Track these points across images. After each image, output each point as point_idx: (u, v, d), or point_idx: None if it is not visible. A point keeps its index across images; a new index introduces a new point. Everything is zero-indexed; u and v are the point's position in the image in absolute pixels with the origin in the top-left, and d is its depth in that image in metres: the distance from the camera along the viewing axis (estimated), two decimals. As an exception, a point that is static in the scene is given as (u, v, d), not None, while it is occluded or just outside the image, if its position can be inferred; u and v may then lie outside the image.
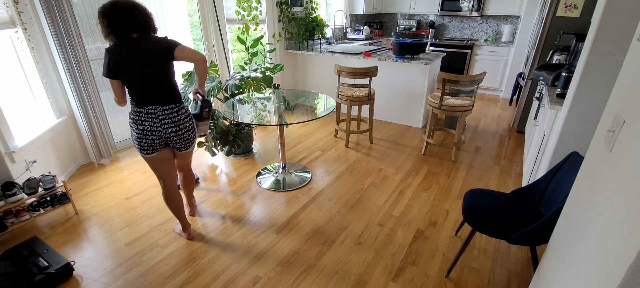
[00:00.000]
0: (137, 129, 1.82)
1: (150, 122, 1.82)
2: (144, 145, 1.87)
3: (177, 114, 1.88)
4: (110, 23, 1.69)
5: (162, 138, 1.88)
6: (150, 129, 1.83)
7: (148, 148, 1.88)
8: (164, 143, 1.92)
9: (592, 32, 1.77)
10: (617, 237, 0.79)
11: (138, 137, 1.84)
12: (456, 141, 3.33)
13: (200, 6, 3.81)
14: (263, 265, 2.01)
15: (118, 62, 1.72)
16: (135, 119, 1.81)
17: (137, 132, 1.83)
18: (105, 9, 1.69)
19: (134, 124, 1.82)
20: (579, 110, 1.87)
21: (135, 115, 1.81)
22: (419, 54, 4.13)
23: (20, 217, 2.27)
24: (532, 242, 1.59)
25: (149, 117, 1.82)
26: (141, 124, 1.81)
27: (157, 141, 1.88)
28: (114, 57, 1.71)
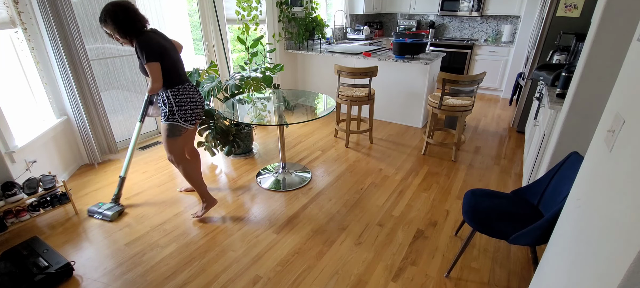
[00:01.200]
0: (191, 100, 2.14)
1: (197, 94, 2.19)
2: (195, 115, 2.18)
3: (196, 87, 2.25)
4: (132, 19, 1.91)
5: (202, 107, 2.24)
6: (199, 98, 2.20)
7: (198, 117, 2.21)
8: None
9: (592, 32, 1.77)
10: (617, 237, 0.79)
11: (192, 107, 2.15)
12: (456, 141, 3.33)
13: (200, 6, 3.81)
14: (263, 265, 2.01)
15: (161, 46, 1.97)
16: (186, 93, 2.12)
17: (192, 104, 2.14)
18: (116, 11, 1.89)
19: (187, 97, 2.11)
20: (579, 111, 1.87)
21: (185, 89, 2.11)
22: (419, 54, 4.13)
23: (20, 217, 2.27)
24: (532, 242, 1.59)
25: (194, 90, 2.18)
26: (193, 95, 2.15)
27: (201, 111, 2.23)
28: (157, 43, 1.96)
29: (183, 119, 2.13)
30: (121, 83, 3.48)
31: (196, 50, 4.20)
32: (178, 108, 2.10)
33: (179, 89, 2.10)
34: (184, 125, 2.15)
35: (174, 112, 2.10)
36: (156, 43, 1.96)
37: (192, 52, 4.19)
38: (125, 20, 1.91)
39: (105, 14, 1.90)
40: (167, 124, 2.13)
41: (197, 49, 4.19)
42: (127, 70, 3.49)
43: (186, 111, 2.13)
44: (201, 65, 3.99)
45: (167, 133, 2.16)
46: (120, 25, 1.91)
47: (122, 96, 3.52)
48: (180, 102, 2.10)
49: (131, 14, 1.92)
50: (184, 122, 2.14)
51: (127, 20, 1.91)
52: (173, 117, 2.11)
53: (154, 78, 1.97)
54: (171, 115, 2.11)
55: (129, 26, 1.93)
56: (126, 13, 1.91)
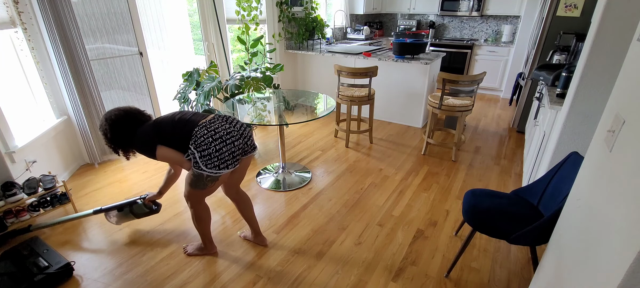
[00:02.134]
0: (214, 137, 1.72)
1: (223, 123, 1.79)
2: (224, 156, 1.73)
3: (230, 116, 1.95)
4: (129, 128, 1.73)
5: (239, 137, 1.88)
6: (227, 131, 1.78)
7: (230, 158, 1.75)
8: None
9: (592, 32, 1.77)
10: (617, 237, 0.79)
11: (219, 146, 1.73)
12: (456, 141, 3.33)
13: (200, 6, 3.81)
14: (263, 265, 2.01)
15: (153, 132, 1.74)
16: (205, 132, 1.71)
17: (217, 142, 1.72)
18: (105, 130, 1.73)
19: (209, 136, 1.71)
20: (579, 110, 1.87)
21: (203, 129, 1.73)
22: (419, 54, 4.13)
23: (20, 217, 2.27)
24: (532, 242, 1.59)
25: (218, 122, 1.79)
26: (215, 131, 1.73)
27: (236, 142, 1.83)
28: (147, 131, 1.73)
29: (209, 166, 1.66)
30: (121, 83, 3.48)
31: (196, 50, 4.20)
32: (201, 154, 1.65)
33: (196, 133, 1.67)
34: (212, 174, 1.68)
35: (197, 160, 1.67)
36: (143, 132, 1.70)
37: (192, 52, 4.19)
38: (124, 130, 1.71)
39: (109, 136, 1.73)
40: (191, 173, 1.73)
41: (197, 49, 4.19)
42: (127, 70, 3.49)
43: (211, 155, 1.65)
44: (201, 65, 3.99)
45: (190, 183, 1.76)
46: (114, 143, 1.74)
47: (122, 96, 3.52)
48: (201, 146, 1.65)
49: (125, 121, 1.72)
50: (211, 170, 1.67)
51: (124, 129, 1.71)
52: (196, 166, 1.68)
53: (175, 161, 1.71)
54: (194, 163, 1.69)
55: (127, 134, 1.72)
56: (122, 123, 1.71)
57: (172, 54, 3.98)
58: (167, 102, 3.89)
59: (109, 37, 3.25)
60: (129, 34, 3.40)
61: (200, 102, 3.11)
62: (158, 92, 3.79)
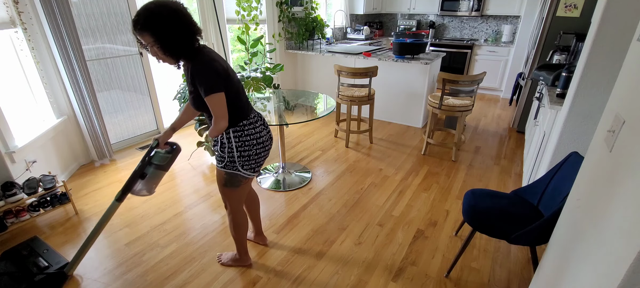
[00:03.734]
0: (258, 141, 1.57)
1: (265, 129, 1.63)
2: (261, 159, 1.62)
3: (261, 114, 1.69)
4: (184, 30, 1.35)
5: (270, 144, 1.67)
6: (266, 137, 1.63)
7: (262, 161, 1.63)
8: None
9: (592, 32, 1.77)
10: (617, 237, 0.79)
11: (258, 151, 1.58)
12: (456, 141, 3.33)
13: (200, 6, 3.81)
14: (263, 265, 2.01)
15: (223, 68, 1.43)
16: (252, 131, 1.56)
17: (258, 146, 1.57)
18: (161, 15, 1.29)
19: (253, 137, 1.55)
20: (579, 110, 1.87)
21: (251, 126, 1.56)
22: (419, 54, 4.13)
23: (20, 217, 2.27)
24: (532, 242, 1.59)
25: (261, 125, 1.61)
26: (260, 132, 1.58)
27: (269, 149, 1.67)
28: (219, 64, 1.42)
29: (245, 167, 1.57)
30: (121, 83, 3.48)
31: (196, 50, 4.19)
32: (240, 154, 1.54)
33: (244, 126, 1.53)
34: (246, 175, 1.61)
35: (234, 159, 1.55)
36: (220, 65, 1.42)
37: (192, 52, 4.18)
38: (174, 31, 1.32)
39: (145, 19, 1.29)
40: (224, 172, 1.60)
41: (197, 49, 4.18)
42: (127, 70, 3.49)
43: (250, 157, 1.56)
44: (201, 65, 3.98)
45: (224, 182, 1.64)
46: (166, 37, 1.32)
47: (121, 96, 3.52)
48: (244, 145, 1.53)
49: (183, 22, 1.34)
50: (246, 171, 1.59)
51: (176, 31, 1.32)
52: (232, 165, 1.56)
53: (219, 114, 1.41)
54: (230, 162, 1.56)
55: (179, 40, 1.35)
56: (176, 20, 1.32)
57: (172, 54, 3.97)
58: (167, 102, 3.89)
59: (108, 37, 3.26)
60: (129, 34, 3.40)
61: (200, 102, 3.11)
62: (158, 92, 3.79)
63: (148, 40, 1.33)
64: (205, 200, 2.66)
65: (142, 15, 1.29)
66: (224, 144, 1.55)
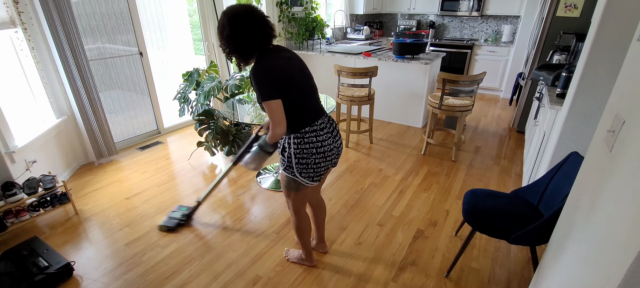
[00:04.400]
0: (319, 150, 1.52)
1: (330, 137, 1.57)
2: (321, 171, 1.58)
3: (334, 121, 1.65)
4: (256, 33, 1.39)
5: (336, 155, 1.62)
6: (330, 146, 1.56)
7: (322, 171, 1.59)
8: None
9: (592, 32, 1.77)
10: (617, 237, 0.79)
11: (318, 160, 1.54)
12: (456, 141, 3.33)
13: (200, 6, 3.81)
14: (263, 265, 2.01)
15: (285, 72, 1.42)
16: (314, 140, 1.51)
17: (318, 156, 1.53)
18: (230, 20, 1.36)
19: (313, 145, 1.51)
20: (579, 110, 1.87)
21: (313, 134, 1.51)
22: (419, 54, 4.13)
23: (20, 217, 2.27)
24: (532, 242, 1.59)
25: (327, 134, 1.55)
26: (322, 144, 1.52)
27: (335, 160, 1.63)
28: (279, 69, 1.41)
29: (303, 174, 1.55)
30: (121, 83, 3.48)
31: (196, 50, 4.20)
32: (299, 160, 1.52)
33: (304, 134, 1.50)
34: (304, 182, 1.59)
35: (292, 165, 1.55)
36: (278, 69, 1.40)
37: (192, 52, 4.19)
38: (245, 35, 1.37)
39: (221, 26, 1.39)
40: (284, 175, 1.62)
41: (197, 49, 4.19)
42: (127, 70, 3.49)
43: (309, 165, 1.53)
44: (201, 65, 3.99)
45: (284, 184, 1.66)
46: (238, 41, 1.38)
47: (122, 96, 3.52)
48: (302, 152, 1.51)
49: (255, 26, 1.38)
50: (304, 179, 1.57)
51: (247, 35, 1.37)
52: (291, 170, 1.57)
53: (275, 121, 1.40)
54: (289, 167, 1.56)
55: (248, 44, 1.39)
56: (249, 24, 1.36)
57: (172, 54, 3.98)
58: (167, 102, 3.89)
59: (109, 37, 3.26)
60: (129, 34, 3.40)
61: (200, 102, 3.11)
62: (158, 92, 3.79)
63: (222, 45, 1.43)
64: (205, 200, 2.66)
65: (219, 23, 1.41)
66: (284, 148, 1.56)
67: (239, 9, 1.38)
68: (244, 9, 1.38)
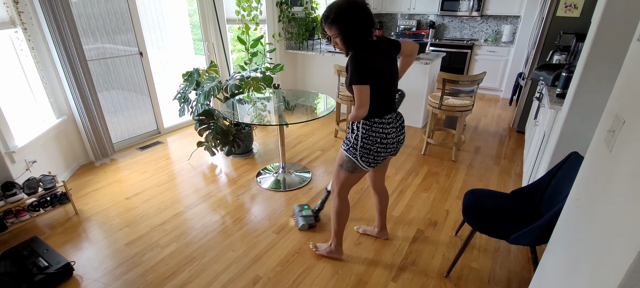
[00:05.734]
0: (383, 140, 1.67)
1: (393, 132, 1.70)
2: (379, 159, 1.71)
3: (402, 118, 1.79)
4: (364, 27, 1.55)
5: (397, 146, 1.77)
6: (393, 140, 1.70)
7: (381, 160, 1.73)
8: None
9: (592, 32, 1.77)
10: (617, 237, 0.79)
11: (379, 149, 1.68)
12: (456, 141, 3.33)
13: (200, 6, 3.81)
14: (263, 265, 2.01)
15: (375, 68, 1.57)
16: (381, 130, 1.65)
17: (380, 145, 1.67)
18: (352, 13, 1.52)
19: (379, 135, 1.65)
20: (579, 110, 1.87)
21: (381, 125, 1.65)
22: (419, 54, 4.13)
23: (20, 217, 2.27)
24: (532, 242, 1.59)
25: (392, 128, 1.69)
26: (386, 136, 1.67)
27: (393, 152, 1.76)
28: (374, 61, 1.57)
29: (363, 158, 1.69)
30: (121, 83, 3.48)
31: (196, 50, 4.20)
32: (363, 144, 1.67)
33: (374, 123, 1.66)
34: (362, 166, 1.73)
35: (356, 147, 1.69)
36: (372, 61, 1.56)
37: (192, 52, 4.19)
38: (357, 27, 1.53)
39: (337, 14, 1.52)
40: (345, 154, 1.74)
41: (197, 49, 4.20)
42: (127, 70, 3.49)
43: (370, 152, 1.68)
44: (201, 65, 3.99)
45: (341, 163, 1.77)
46: (350, 31, 1.54)
47: (122, 96, 3.52)
48: (368, 138, 1.66)
49: (366, 21, 1.55)
50: (363, 163, 1.71)
51: (359, 27, 1.54)
52: (353, 152, 1.70)
53: (361, 102, 1.57)
54: (352, 147, 1.70)
55: (358, 35, 1.55)
56: (362, 18, 1.53)
57: (172, 54, 3.98)
58: (167, 102, 3.89)
59: (109, 37, 3.26)
60: (129, 34, 3.40)
61: (200, 102, 3.11)
62: (158, 92, 3.79)
63: (334, 32, 1.56)
64: (205, 200, 2.66)
65: (335, 11, 1.53)
66: (353, 130, 1.70)
67: (357, 2, 1.54)
68: (361, 3, 1.55)
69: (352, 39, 1.56)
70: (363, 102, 1.57)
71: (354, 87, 1.55)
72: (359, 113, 1.59)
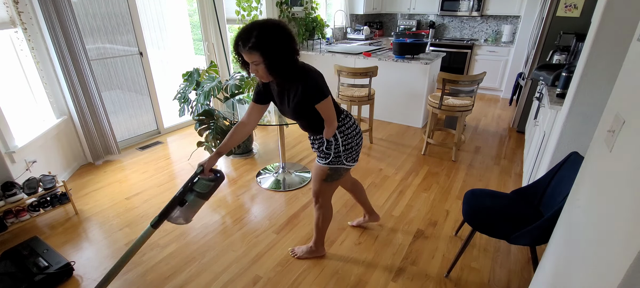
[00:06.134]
0: (356, 132, 1.70)
1: (353, 119, 1.76)
2: (359, 148, 1.75)
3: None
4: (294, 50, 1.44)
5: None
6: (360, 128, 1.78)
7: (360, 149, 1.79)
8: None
9: (592, 32, 1.77)
10: (617, 237, 0.79)
11: (358, 141, 1.72)
12: (456, 141, 3.33)
13: (200, 6, 3.81)
14: (263, 265, 2.01)
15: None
16: (351, 124, 1.69)
17: (358, 137, 1.71)
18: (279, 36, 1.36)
19: (353, 129, 1.68)
20: (579, 110, 1.87)
21: (349, 120, 1.69)
22: (419, 54, 4.13)
23: (20, 217, 2.27)
24: (532, 242, 1.59)
25: (348, 116, 1.73)
26: (354, 125, 1.71)
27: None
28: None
29: (349, 159, 1.69)
30: (121, 83, 3.48)
31: (196, 50, 4.20)
32: (345, 147, 1.65)
33: (343, 121, 1.65)
34: (349, 166, 1.73)
35: (339, 154, 1.66)
36: (318, 73, 1.52)
37: (192, 52, 4.19)
38: (284, 51, 1.37)
39: (257, 38, 1.31)
40: (328, 168, 1.69)
41: (197, 49, 4.19)
42: (127, 70, 3.49)
43: (353, 148, 1.68)
44: (201, 65, 3.99)
45: (325, 177, 1.73)
46: (279, 58, 1.36)
47: (122, 96, 3.52)
48: (347, 138, 1.65)
49: (291, 42, 1.39)
50: (349, 163, 1.71)
51: (286, 52, 1.37)
52: (338, 160, 1.67)
53: (333, 116, 1.55)
54: (336, 157, 1.66)
55: (287, 61, 1.39)
56: (287, 40, 1.37)
57: (172, 54, 3.98)
58: (167, 102, 3.89)
59: (109, 37, 3.26)
60: (129, 34, 3.40)
61: (200, 102, 3.11)
62: (158, 92, 3.79)
63: (255, 58, 1.35)
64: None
65: (255, 34, 1.31)
66: (330, 143, 1.65)
67: (283, 26, 1.38)
68: (285, 27, 1.39)
69: (285, 66, 1.40)
70: (334, 114, 1.56)
71: (324, 103, 1.50)
72: (334, 125, 1.58)
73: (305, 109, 1.54)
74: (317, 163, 1.74)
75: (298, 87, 1.49)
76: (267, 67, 1.37)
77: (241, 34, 1.34)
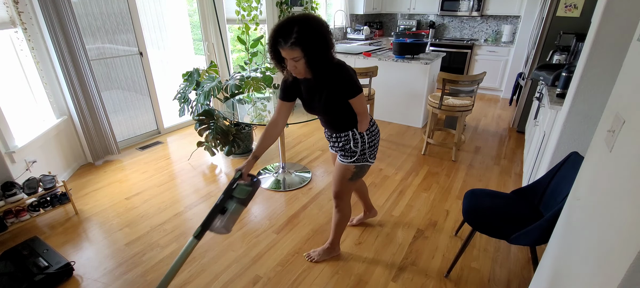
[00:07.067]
0: (378, 131, 1.74)
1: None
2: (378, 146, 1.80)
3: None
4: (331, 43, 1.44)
5: None
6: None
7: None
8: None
9: (592, 32, 1.77)
10: (617, 237, 0.79)
11: (379, 139, 1.76)
12: (456, 141, 3.33)
13: (200, 6, 3.81)
14: (263, 265, 2.01)
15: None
16: (374, 124, 1.72)
17: (378, 135, 1.75)
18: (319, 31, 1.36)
19: (375, 129, 1.72)
20: (579, 110, 1.87)
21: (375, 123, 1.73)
22: (419, 54, 4.13)
23: (20, 217, 2.27)
24: (532, 242, 1.59)
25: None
26: (375, 125, 1.74)
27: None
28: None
29: (371, 156, 1.73)
30: (121, 83, 3.48)
31: (196, 50, 4.20)
32: (370, 145, 1.68)
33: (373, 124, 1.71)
34: (371, 163, 1.76)
35: (365, 151, 1.68)
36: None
37: (192, 52, 4.19)
38: (328, 47, 1.37)
39: (302, 33, 1.30)
40: (354, 166, 1.70)
41: (197, 49, 4.19)
42: (127, 70, 3.49)
43: (375, 145, 1.72)
44: (201, 65, 3.99)
45: (350, 176, 1.73)
46: (320, 53, 1.35)
47: (122, 96, 3.52)
48: (371, 135, 1.68)
49: (332, 37, 1.41)
50: (372, 160, 1.74)
51: (329, 47, 1.38)
52: (363, 157, 1.69)
53: (366, 110, 1.58)
54: (362, 154, 1.68)
55: (330, 55, 1.41)
56: (330, 36, 1.39)
57: (172, 54, 3.98)
58: (167, 102, 3.89)
59: (109, 37, 3.26)
60: (129, 34, 3.40)
61: (200, 102, 3.11)
62: (158, 92, 3.79)
63: (296, 54, 1.33)
64: (205, 200, 2.66)
65: (297, 30, 1.29)
66: (356, 140, 1.65)
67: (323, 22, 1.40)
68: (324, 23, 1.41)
69: (324, 59, 1.40)
70: (366, 108, 1.58)
71: (358, 98, 1.50)
72: (368, 118, 1.61)
73: (337, 104, 1.54)
74: (341, 163, 1.71)
75: (333, 81, 1.47)
76: (307, 62, 1.35)
77: (280, 30, 1.32)
